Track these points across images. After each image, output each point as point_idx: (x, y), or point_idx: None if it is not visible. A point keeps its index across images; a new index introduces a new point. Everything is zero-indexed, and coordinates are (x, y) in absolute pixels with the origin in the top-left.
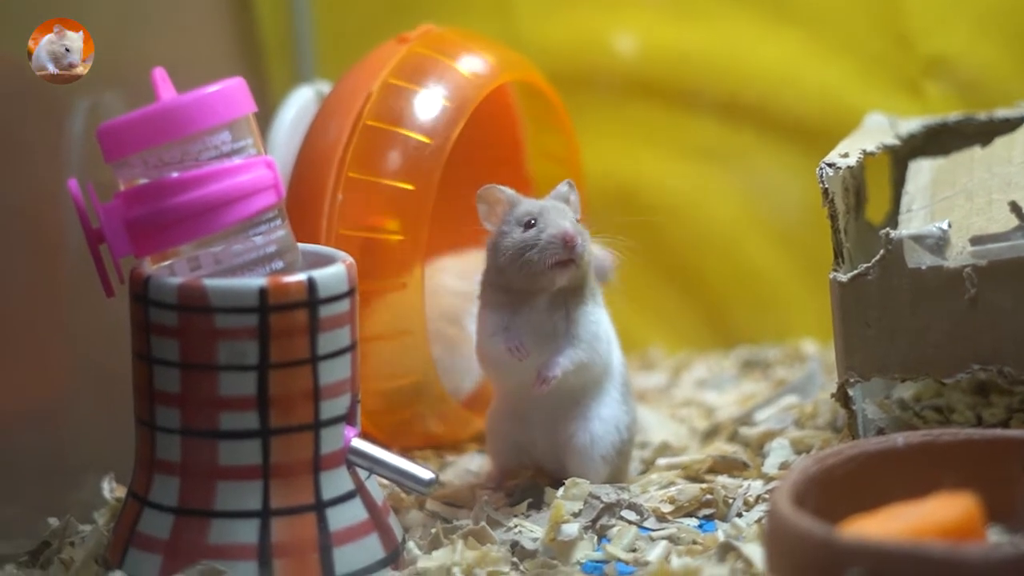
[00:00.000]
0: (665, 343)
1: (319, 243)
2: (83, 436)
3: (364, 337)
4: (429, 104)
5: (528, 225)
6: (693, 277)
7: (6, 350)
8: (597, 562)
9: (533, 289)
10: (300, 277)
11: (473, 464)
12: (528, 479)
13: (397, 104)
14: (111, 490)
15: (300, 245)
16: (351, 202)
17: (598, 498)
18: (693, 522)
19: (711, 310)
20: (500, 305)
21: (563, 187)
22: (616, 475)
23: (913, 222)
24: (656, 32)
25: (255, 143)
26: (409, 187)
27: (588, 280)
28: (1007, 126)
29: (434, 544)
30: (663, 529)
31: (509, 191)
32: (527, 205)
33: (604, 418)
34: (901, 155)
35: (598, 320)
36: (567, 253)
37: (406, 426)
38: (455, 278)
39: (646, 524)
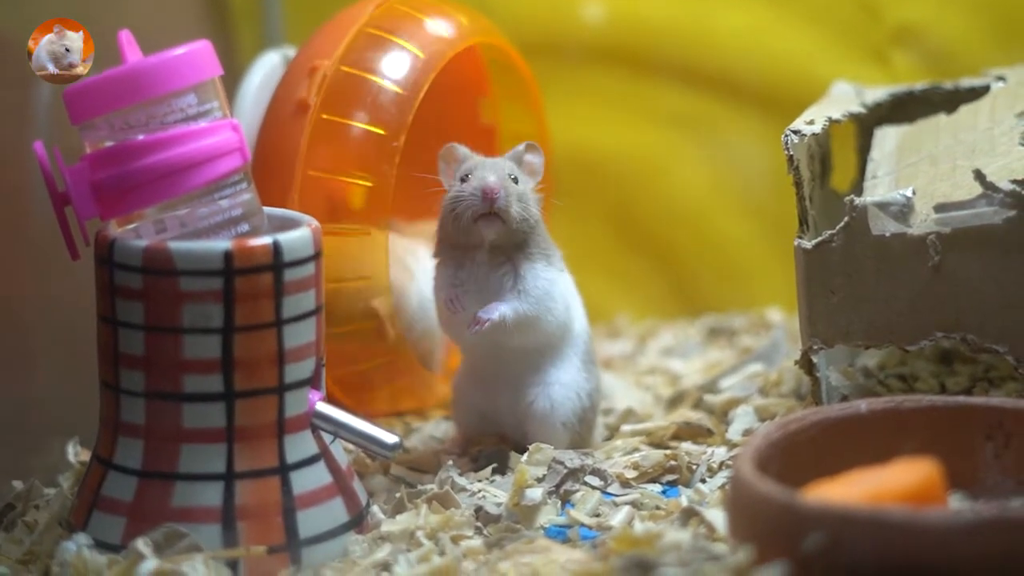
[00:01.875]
0: (631, 311)
1: (287, 204)
2: (48, 399)
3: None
4: (401, 56)
5: (463, 180)
6: (659, 245)
7: None
8: (561, 527)
9: (468, 244)
10: (265, 240)
11: (438, 431)
12: (492, 445)
13: (370, 53)
14: (75, 453)
15: (266, 209)
16: (320, 147)
17: (562, 463)
18: (657, 488)
19: (677, 278)
20: (449, 261)
21: (521, 147)
22: (578, 441)
23: (878, 188)
24: (624, 0)
25: (221, 106)
26: (380, 131)
27: (538, 239)
28: (973, 95)
29: (398, 508)
30: (627, 494)
31: (464, 149)
32: (470, 161)
33: (565, 383)
34: (867, 123)
35: (551, 279)
36: (486, 206)
37: (367, 381)
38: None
39: (610, 489)
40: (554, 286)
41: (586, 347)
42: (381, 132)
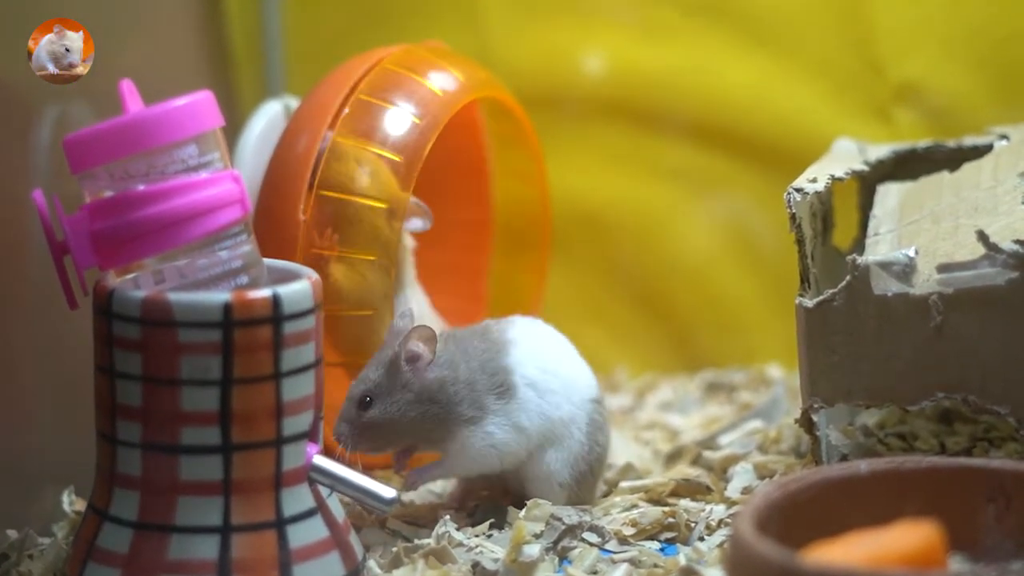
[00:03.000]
0: (630, 364)
1: (288, 259)
2: (43, 448)
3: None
4: (399, 121)
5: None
6: (659, 299)
7: None
8: None
9: None
10: (265, 293)
11: (436, 485)
12: (490, 499)
13: (367, 121)
14: (71, 503)
15: (265, 260)
16: (320, 221)
17: (560, 519)
18: (655, 545)
19: (677, 333)
20: None
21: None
22: (577, 500)
23: (880, 246)
24: (626, 53)
25: (222, 157)
26: (381, 205)
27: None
28: (975, 153)
29: (395, 563)
30: (625, 552)
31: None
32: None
33: (560, 458)
34: (869, 181)
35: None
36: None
37: None
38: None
39: (608, 546)
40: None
41: (590, 414)
42: (383, 206)
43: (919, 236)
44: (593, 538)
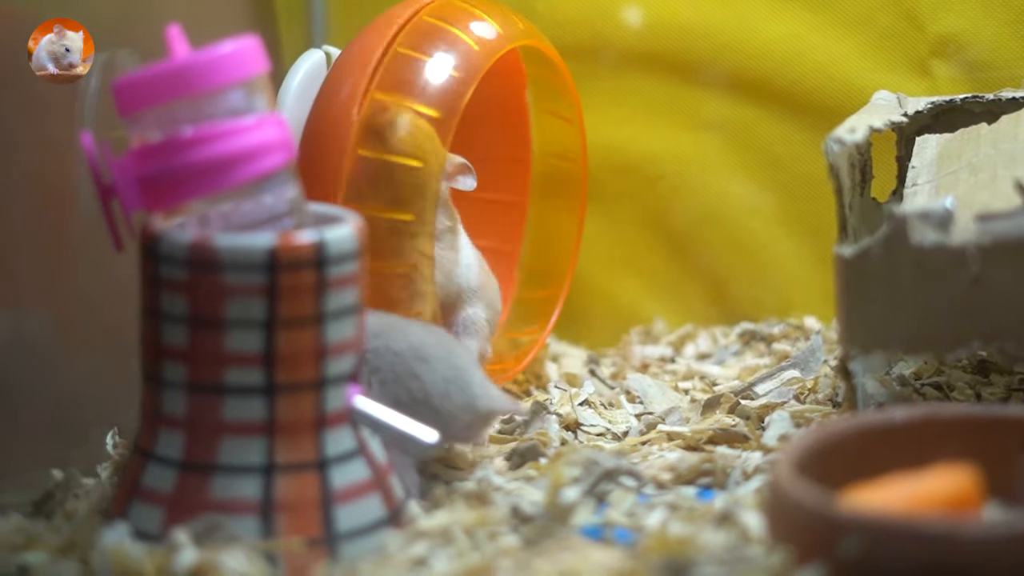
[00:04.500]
0: (668, 315)
1: (336, 185)
2: (89, 390)
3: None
4: (436, 75)
5: None
6: (697, 250)
7: (16, 304)
8: (596, 527)
9: None
10: (310, 236)
11: None
12: (528, 440)
13: (404, 75)
14: (114, 444)
15: (310, 204)
16: (359, 182)
17: (598, 463)
18: (692, 490)
19: (714, 284)
20: None
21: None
22: None
23: (918, 196)
24: (665, 4)
25: (268, 102)
26: (416, 164)
27: None
28: (1013, 105)
29: (435, 505)
30: (662, 496)
31: None
32: None
33: None
34: (908, 133)
35: None
36: None
37: None
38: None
39: (645, 491)
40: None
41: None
42: (435, 114)
43: (957, 187)
44: (631, 482)
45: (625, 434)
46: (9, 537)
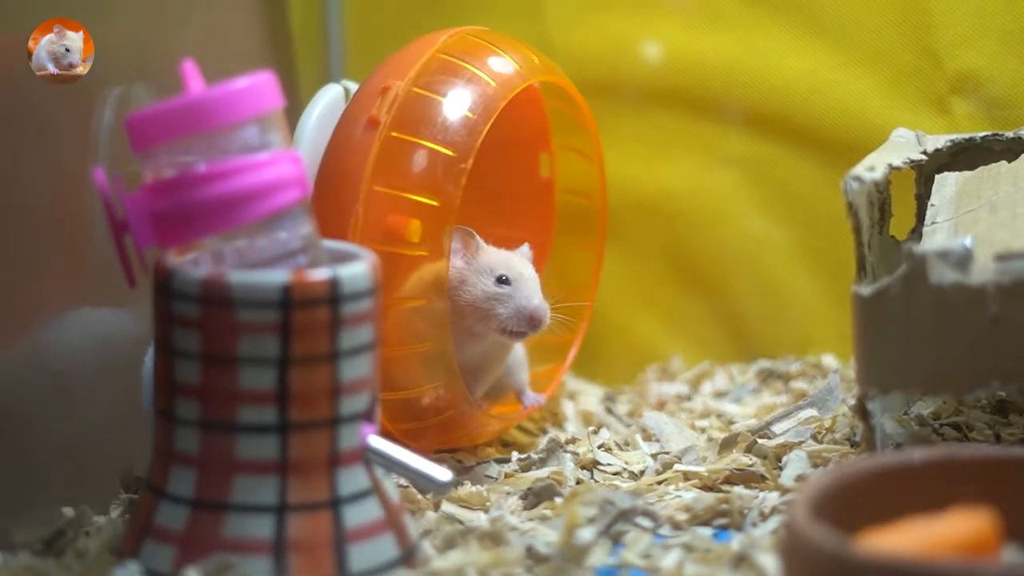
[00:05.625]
0: (685, 353)
1: (350, 221)
2: (102, 426)
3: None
4: (473, 81)
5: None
6: (715, 287)
7: (29, 338)
8: (611, 568)
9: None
10: (324, 274)
11: (492, 471)
12: (543, 481)
13: (442, 77)
14: (127, 482)
15: (323, 242)
16: (388, 164)
17: (613, 503)
18: (708, 531)
19: (732, 321)
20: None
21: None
22: None
23: (937, 235)
24: (684, 40)
25: (283, 138)
26: (433, 203)
27: None
28: None
29: (448, 545)
30: (677, 537)
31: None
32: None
33: None
34: (927, 170)
35: None
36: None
37: (413, 410)
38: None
39: (661, 532)
40: None
41: None
42: (450, 153)
43: (976, 225)
44: (646, 523)
45: (642, 473)
46: None
